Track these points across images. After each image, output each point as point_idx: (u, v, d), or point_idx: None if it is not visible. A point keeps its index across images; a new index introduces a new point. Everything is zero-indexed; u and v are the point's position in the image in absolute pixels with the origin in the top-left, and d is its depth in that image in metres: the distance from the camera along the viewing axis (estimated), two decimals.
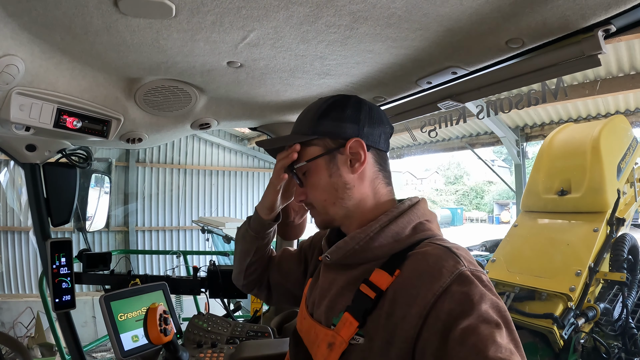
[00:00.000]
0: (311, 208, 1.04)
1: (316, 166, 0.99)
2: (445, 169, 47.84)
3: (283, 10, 0.96)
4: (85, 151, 2.05)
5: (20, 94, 1.31)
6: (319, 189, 0.99)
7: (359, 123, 0.97)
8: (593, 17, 0.95)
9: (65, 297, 1.92)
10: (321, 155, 0.97)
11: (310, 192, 1.01)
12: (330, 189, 0.97)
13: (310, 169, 1.00)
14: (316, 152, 0.98)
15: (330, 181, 0.97)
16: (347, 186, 0.96)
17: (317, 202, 1.00)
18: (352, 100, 1.01)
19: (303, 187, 1.03)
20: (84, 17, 1.01)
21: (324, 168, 0.98)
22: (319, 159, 0.98)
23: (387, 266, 0.87)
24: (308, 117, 1.02)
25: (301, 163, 1.00)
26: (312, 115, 1.00)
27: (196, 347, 1.68)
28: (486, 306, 0.72)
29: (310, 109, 1.04)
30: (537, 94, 6.11)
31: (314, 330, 0.96)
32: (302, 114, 1.06)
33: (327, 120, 0.98)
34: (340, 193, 0.96)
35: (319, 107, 1.00)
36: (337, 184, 0.96)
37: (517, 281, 3.74)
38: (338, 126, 0.97)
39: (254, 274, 1.32)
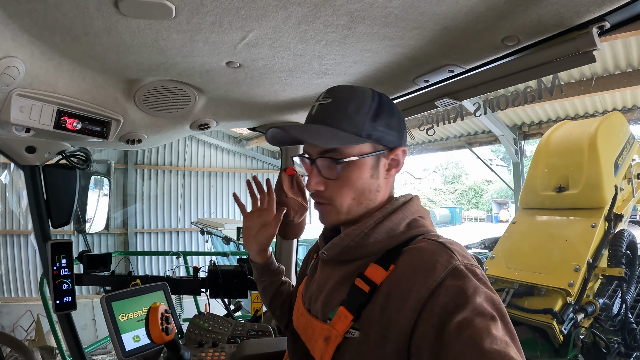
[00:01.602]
0: (323, 203, 0.96)
1: (363, 163, 0.93)
2: (444, 169, 47.87)
3: (282, 10, 0.98)
4: (84, 153, 2.05)
5: (20, 96, 1.32)
6: (352, 186, 0.93)
7: (400, 132, 0.97)
8: (587, 14, 0.96)
9: (66, 299, 1.92)
10: (372, 154, 0.93)
11: (338, 187, 0.93)
12: (364, 189, 0.94)
13: (355, 164, 0.92)
14: (366, 150, 0.93)
15: (369, 182, 0.94)
16: (377, 189, 0.96)
17: (341, 199, 0.94)
18: (394, 106, 0.98)
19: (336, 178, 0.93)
20: (85, 18, 1.02)
21: (368, 168, 0.93)
22: (367, 158, 0.93)
23: (382, 261, 0.88)
24: (359, 115, 0.91)
25: (351, 158, 0.91)
26: (364, 114, 0.92)
27: (197, 346, 1.69)
28: (481, 299, 0.73)
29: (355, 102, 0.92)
30: (533, 91, 6.11)
31: (311, 325, 0.97)
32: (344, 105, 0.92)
33: (379, 125, 0.93)
34: (370, 195, 0.95)
35: (369, 106, 0.93)
36: (372, 185, 0.94)
37: (516, 277, 3.75)
38: (388, 133, 0.94)
39: (284, 317, 1.36)
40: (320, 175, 0.94)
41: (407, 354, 0.77)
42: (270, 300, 1.39)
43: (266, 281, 1.38)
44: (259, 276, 1.38)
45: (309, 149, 0.97)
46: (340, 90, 0.95)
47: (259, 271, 1.37)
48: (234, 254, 5.58)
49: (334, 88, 0.97)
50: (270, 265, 1.37)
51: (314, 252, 1.25)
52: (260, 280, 1.39)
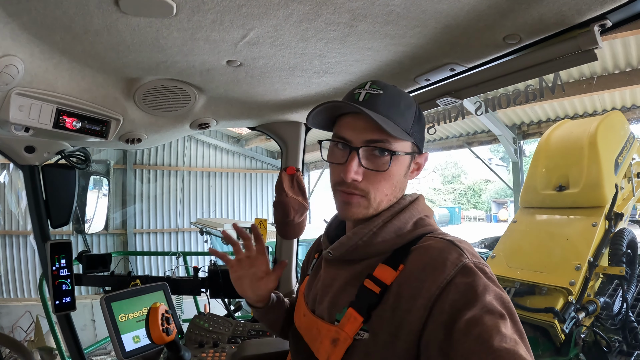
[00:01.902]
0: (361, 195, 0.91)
1: (404, 160, 0.93)
2: (443, 168, 47.90)
3: (283, 8, 0.97)
4: (83, 153, 2.05)
5: (19, 95, 1.31)
6: (390, 181, 0.92)
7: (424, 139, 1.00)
8: (589, 12, 0.96)
9: (65, 299, 1.91)
10: (411, 154, 0.95)
11: (376, 179, 0.90)
12: (396, 186, 0.94)
13: (397, 159, 0.91)
14: (408, 149, 0.93)
15: (401, 180, 0.94)
16: (402, 188, 0.97)
17: (377, 193, 0.91)
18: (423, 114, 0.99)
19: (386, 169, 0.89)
20: (85, 16, 1.01)
21: (405, 166, 0.94)
22: (407, 156, 0.94)
23: (391, 261, 0.87)
24: (408, 115, 0.92)
25: (401, 152, 0.90)
26: (411, 115, 0.93)
27: (198, 347, 1.68)
28: (490, 297, 0.73)
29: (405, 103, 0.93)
30: (535, 90, 6.12)
31: (316, 326, 0.96)
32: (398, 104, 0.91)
33: (419, 129, 0.96)
34: (398, 193, 0.96)
35: (415, 109, 0.95)
36: (403, 183, 0.96)
37: (517, 276, 3.75)
38: (422, 139, 0.98)
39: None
40: (360, 165, 0.89)
41: (416, 352, 0.77)
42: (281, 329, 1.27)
43: (272, 317, 1.24)
44: (263, 316, 1.24)
45: (353, 135, 0.90)
46: (387, 85, 0.93)
47: (263, 313, 1.23)
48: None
49: (379, 81, 0.94)
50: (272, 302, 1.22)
51: (314, 251, 1.24)
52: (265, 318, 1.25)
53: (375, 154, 0.89)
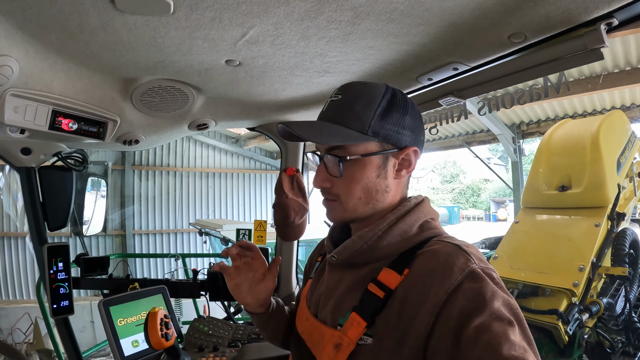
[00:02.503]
0: (331, 199, 0.95)
1: (368, 162, 0.90)
2: (442, 168, 48.01)
3: (284, 5, 0.95)
4: (81, 154, 2.02)
5: (14, 96, 1.29)
6: (359, 185, 0.90)
7: (414, 131, 0.94)
8: (596, 11, 0.94)
9: (63, 303, 1.88)
10: (378, 153, 0.90)
11: (344, 184, 0.91)
12: (371, 189, 0.91)
13: (360, 162, 0.90)
14: (373, 148, 0.90)
15: (375, 181, 0.91)
16: (386, 190, 0.93)
17: (348, 198, 0.92)
18: (409, 102, 0.94)
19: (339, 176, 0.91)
20: (80, 15, 0.99)
21: (375, 167, 0.90)
22: (374, 156, 0.90)
23: (396, 265, 0.85)
24: (367, 112, 0.89)
25: (355, 156, 0.89)
26: (372, 111, 0.89)
27: (198, 350, 1.66)
28: (498, 303, 0.72)
29: (364, 99, 0.90)
30: (538, 89, 6.10)
31: (319, 331, 0.94)
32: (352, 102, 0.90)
33: (388, 124, 0.90)
34: (378, 195, 0.92)
35: (378, 103, 0.90)
36: (379, 185, 0.91)
37: (520, 278, 3.74)
38: (399, 132, 0.91)
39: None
40: (326, 172, 0.93)
41: (422, 358, 0.75)
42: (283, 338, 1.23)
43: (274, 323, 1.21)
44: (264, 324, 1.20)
45: (319, 145, 0.94)
46: (352, 86, 0.93)
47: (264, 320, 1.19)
48: None
49: (347, 84, 0.95)
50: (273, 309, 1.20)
51: (317, 254, 1.21)
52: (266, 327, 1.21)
53: (335, 161, 0.90)
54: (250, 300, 1.16)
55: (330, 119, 0.91)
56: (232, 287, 1.17)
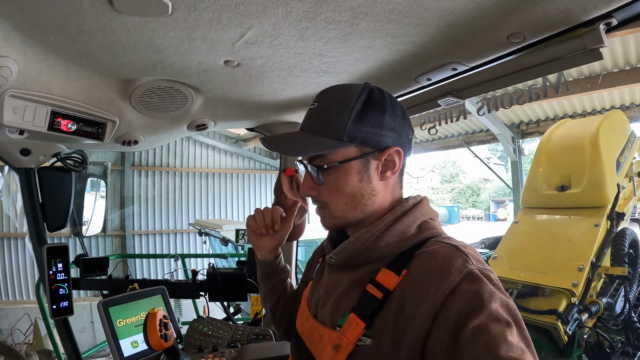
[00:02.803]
0: (321, 207, 0.96)
1: (348, 168, 0.89)
2: (441, 168, 48.01)
3: (282, 6, 0.95)
4: (80, 155, 2.02)
5: (13, 97, 1.29)
6: (343, 192, 0.91)
7: (396, 130, 0.91)
8: (594, 11, 0.94)
9: (62, 304, 1.89)
10: (356, 158, 0.89)
11: (328, 192, 0.92)
12: (356, 194, 0.91)
13: (340, 169, 0.90)
14: (351, 154, 0.89)
15: (359, 186, 0.90)
16: (372, 192, 0.92)
17: (335, 205, 0.93)
18: (387, 101, 0.91)
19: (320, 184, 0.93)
20: (78, 16, 0.99)
21: (355, 172, 0.90)
22: (353, 162, 0.89)
23: (394, 266, 0.85)
24: (341, 118, 0.88)
25: (333, 163, 0.89)
26: (347, 116, 0.88)
27: (197, 351, 1.66)
28: (496, 305, 0.72)
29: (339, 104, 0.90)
30: (537, 89, 6.10)
31: (318, 331, 0.94)
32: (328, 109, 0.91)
33: (365, 126, 0.88)
34: (365, 199, 0.91)
35: (352, 107, 0.88)
36: (364, 189, 0.91)
37: (519, 278, 3.74)
38: (377, 134, 0.89)
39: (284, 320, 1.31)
40: (311, 181, 0.94)
41: (421, 359, 0.75)
42: (276, 302, 1.32)
43: (275, 279, 1.30)
44: (267, 275, 1.29)
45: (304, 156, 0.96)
46: (328, 92, 0.94)
47: (269, 270, 1.28)
48: (232, 256, 5.54)
49: (324, 90, 0.95)
50: (280, 262, 1.30)
51: (318, 255, 1.22)
52: (268, 279, 1.30)
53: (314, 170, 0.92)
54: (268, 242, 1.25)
55: (308, 129, 0.93)
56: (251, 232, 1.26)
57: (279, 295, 1.31)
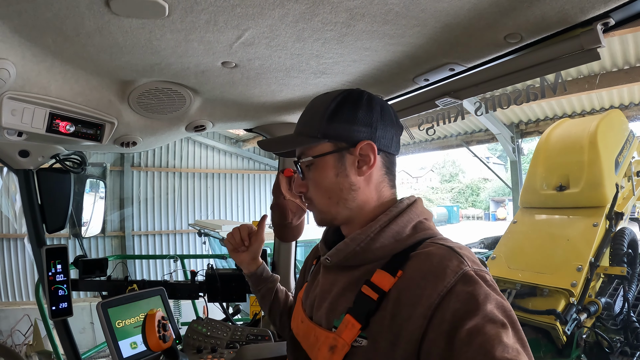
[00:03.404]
0: (310, 204, 1.01)
1: (324, 163, 0.94)
2: (441, 167, 48.03)
3: (278, 8, 0.95)
4: (79, 156, 2.02)
5: (11, 99, 1.29)
6: (322, 187, 0.96)
7: (372, 125, 0.94)
8: (592, 11, 0.94)
9: (62, 305, 1.89)
10: (330, 153, 0.94)
11: (312, 187, 0.98)
12: (334, 188, 0.94)
13: (317, 164, 0.95)
14: (325, 149, 0.94)
15: (336, 180, 0.94)
16: (352, 187, 0.94)
17: (319, 200, 0.97)
18: (363, 99, 0.96)
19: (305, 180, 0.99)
20: (76, 18, 0.99)
21: (331, 166, 0.94)
22: (328, 157, 0.94)
23: (389, 267, 0.86)
24: (316, 117, 0.95)
25: (307, 158, 0.96)
26: (321, 115, 0.94)
27: (196, 352, 1.66)
28: (491, 306, 0.72)
29: (317, 106, 0.98)
30: (535, 89, 6.11)
31: (314, 333, 0.95)
32: (308, 112, 1.00)
33: (337, 122, 0.93)
34: (344, 194, 0.94)
35: (327, 106, 0.94)
36: (342, 184, 0.94)
37: (518, 278, 3.74)
38: (349, 129, 0.93)
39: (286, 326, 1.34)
40: (300, 179, 1.01)
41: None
42: (270, 309, 1.42)
43: (263, 289, 1.41)
44: (255, 286, 1.42)
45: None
46: (314, 99, 1.02)
47: (255, 280, 1.42)
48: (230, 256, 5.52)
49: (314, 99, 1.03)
50: (263, 272, 1.42)
51: (312, 258, 1.23)
52: (257, 290, 1.43)
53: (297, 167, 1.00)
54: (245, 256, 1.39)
55: (295, 131, 1.01)
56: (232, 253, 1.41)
57: (270, 303, 1.41)
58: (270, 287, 1.42)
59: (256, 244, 1.39)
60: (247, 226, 1.41)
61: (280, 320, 1.40)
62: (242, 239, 1.39)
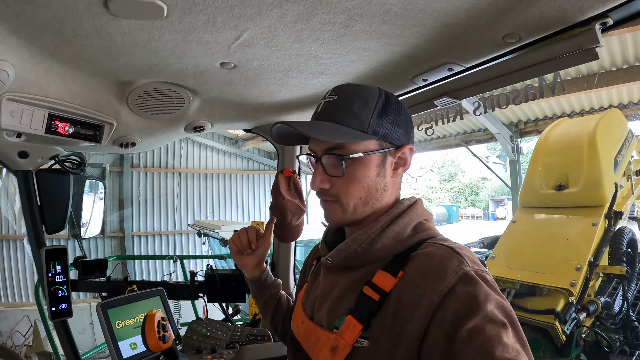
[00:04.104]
0: (330, 201, 0.94)
1: (369, 161, 0.91)
2: (440, 167, 48.05)
3: (277, 8, 0.95)
4: (78, 157, 2.02)
5: (10, 100, 1.29)
6: (359, 184, 0.91)
7: (408, 129, 0.96)
8: (590, 10, 0.94)
9: (61, 306, 1.89)
10: (377, 152, 0.91)
11: (344, 184, 0.91)
12: (370, 187, 0.92)
13: (361, 161, 0.90)
14: (372, 147, 0.90)
15: (375, 180, 0.91)
16: (384, 188, 0.93)
17: (348, 198, 0.92)
18: (401, 103, 0.96)
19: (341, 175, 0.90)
20: (74, 19, 0.99)
21: (375, 165, 0.91)
22: (373, 155, 0.91)
23: (390, 267, 0.86)
24: (364, 112, 0.90)
25: (357, 154, 0.89)
26: (370, 110, 0.90)
27: (195, 352, 1.66)
28: (492, 306, 0.72)
29: (360, 99, 0.91)
30: (534, 89, 6.12)
31: (315, 334, 0.95)
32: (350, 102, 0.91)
33: (385, 122, 0.91)
34: (377, 194, 0.93)
35: (376, 103, 0.91)
36: (378, 184, 0.92)
37: (517, 277, 3.74)
38: (395, 131, 0.92)
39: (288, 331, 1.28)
40: (325, 173, 0.92)
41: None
42: (273, 315, 1.37)
43: (266, 295, 1.36)
44: (258, 291, 1.36)
45: (315, 146, 0.94)
46: (346, 87, 0.94)
47: (258, 286, 1.35)
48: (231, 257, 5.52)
49: (340, 86, 0.95)
50: (267, 277, 1.36)
51: (312, 258, 1.23)
52: (260, 296, 1.37)
53: (336, 160, 0.90)
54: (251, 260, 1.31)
55: (329, 118, 0.91)
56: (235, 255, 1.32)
57: (273, 309, 1.36)
58: (274, 293, 1.37)
59: (263, 247, 1.31)
60: (255, 228, 1.31)
61: (282, 325, 1.36)
62: (249, 241, 1.30)
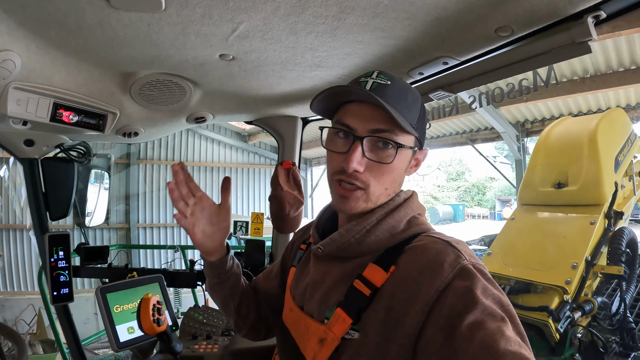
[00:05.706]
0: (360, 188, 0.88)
1: (407, 155, 0.91)
2: (447, 165, 47.73)
3: (270, 1, 0.98)
4: (84, 147, 2.07)
5: (17, 89, 1.34)
6: (391, 175, 0.90)
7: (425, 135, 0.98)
8: (582, 3, 0.94)
9: (63, 290, 1.93)
10: (412, 148, 0.92)
11: (377, 172, 0.88)
12: (398, 180, 0.92)
13: (403, 152, 0.89)
14: (411, 142, 0.91)
15: (401, 174, 0.92)
16: (401, 183, 0.95)
17: (376, 186, 0.88)
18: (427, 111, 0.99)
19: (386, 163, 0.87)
20: (77, 12, 1.02)
21: (407, 160, 0.92)
22: (410, 150, 0.91)
23: (381, 261, 0.85)
24: (414, 108, 0.90)
25: (409, 146, 0.89)
26: (417, 108, 0.92)
27: (191, 338, 1.69)
28: (490, 300, 0.71)
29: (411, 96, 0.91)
30: (529, 84, 6.13)
31: (304, 323, 0.94)
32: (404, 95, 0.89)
33: (422, 124, 0.94)
34: (397, 188, 0.94)
35: (421, 103, 0.94)
36: (402, 178, 0.94)
37: (512, 274, 3.73)
38: (424, 133, 0.96)
39: (251, 314, 1.23)
40: (363, 156, 0.86)
41: (411, 356, 0.75)
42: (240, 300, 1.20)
43: (232, 278, 1.18)
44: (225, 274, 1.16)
45: (358, 123, 0.87)
46: (394, 76, 0.91)
47: (223, 268, 1.16)
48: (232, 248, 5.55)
49: (386, 72, 0.92)
50: (224, 264, 1.15)
51: (300, 241, 1.21)
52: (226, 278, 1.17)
53: (379, 146, 0.87)
54: (207, 242, 1.11)
55: (387, 102, 0.84)
56: (190, 228, 1.11)
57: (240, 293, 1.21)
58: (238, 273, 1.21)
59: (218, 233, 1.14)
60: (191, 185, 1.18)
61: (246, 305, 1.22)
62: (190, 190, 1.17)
